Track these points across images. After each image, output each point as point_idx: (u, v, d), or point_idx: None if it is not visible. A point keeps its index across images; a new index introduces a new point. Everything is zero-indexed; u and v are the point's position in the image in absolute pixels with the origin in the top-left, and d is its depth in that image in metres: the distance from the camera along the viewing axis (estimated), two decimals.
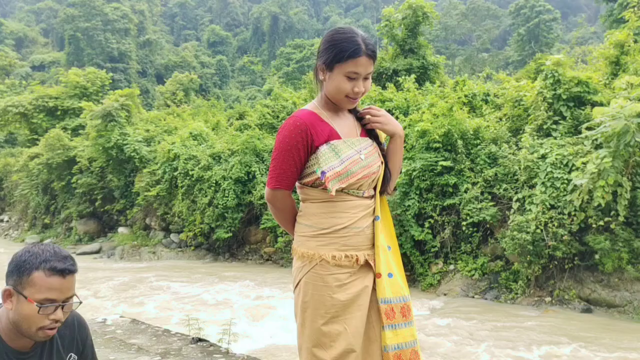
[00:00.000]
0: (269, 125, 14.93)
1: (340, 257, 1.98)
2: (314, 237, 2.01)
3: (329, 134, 2.01)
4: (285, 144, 1.98)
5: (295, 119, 2.00)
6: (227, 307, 8.20)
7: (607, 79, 9.33)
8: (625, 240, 7.28)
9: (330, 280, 1.96)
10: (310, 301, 1.97)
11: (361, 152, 2.02)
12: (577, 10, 56.51)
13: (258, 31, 54.41)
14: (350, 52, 1.95)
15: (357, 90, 1.98)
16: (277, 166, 2.00)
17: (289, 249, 12.61)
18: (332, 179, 1.95)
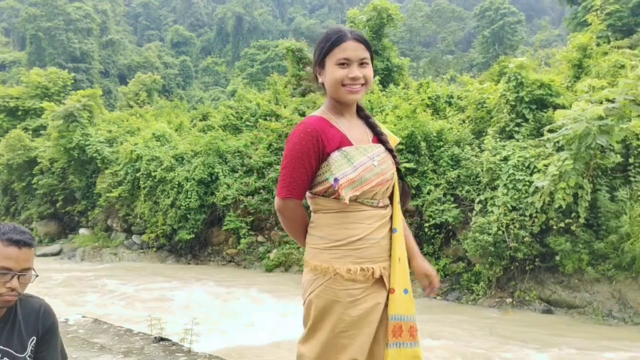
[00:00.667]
0: (232, 127, 14.75)
1: (356, 270, 1.90)
2: (327, 250, 1.93)
3: (340, 140, 1.93)
4: (295, 151, 1.90)
5: (306, 125, 1.93)
6: (189, 308, 8.02)
7: (570, 81, 9.50)
8: (586, 242, 7.39)
9: (342, 296, 1.89)
10: (320, 315, 1.90)
11: (374, 158, 1.95)
12: (542, 12, 58.12)
13: (222, 32, 53.86)
14: (334, 39, 1.92)
15: (352, 75, 1.90)
16: (288, 174, 1.92)
17: (252, 250, 12.45)
18: (345, 186, 1.87)
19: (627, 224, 7.09)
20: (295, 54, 16.38)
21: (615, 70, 8.31)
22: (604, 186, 7.52)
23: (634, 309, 7.04)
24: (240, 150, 13.19)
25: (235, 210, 12.55)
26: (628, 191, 7.36)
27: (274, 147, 12.90)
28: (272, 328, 6.85)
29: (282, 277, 11.11)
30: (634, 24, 16.48)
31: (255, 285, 9.79)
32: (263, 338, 6.44)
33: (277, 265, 11.76)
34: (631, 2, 16.57)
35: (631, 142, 7.47)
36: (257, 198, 12.35)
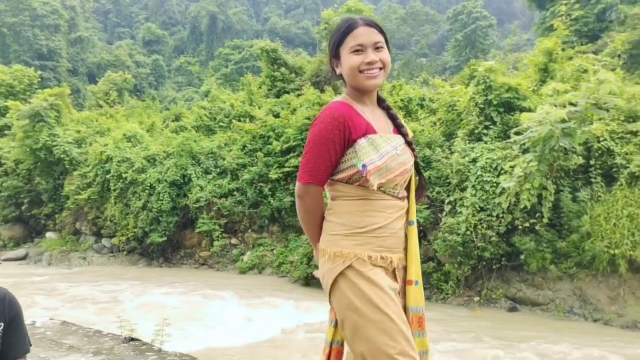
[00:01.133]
0: (205, 127, 14.68)
1: (377, 257, 1.88)
2: (348, 236, 1.89)
3: (365, 128, 1.90)
4: (321, 136, 1.86)
5: (332, 111, 1.89)
6: (161, 310, 7.95)
7: (536, 85, 9.76)
8: (549, 241, 7.63)
9: (370, 274, 1.85)
10: (358, 302, 1.83)
11: (397, 148, 1.93)
12: (513, 17, 59.22)
13: (196, 31, 53.31)
14: (345, 28, 1.92)
15: (369, 60, 1.88)
16: (311, 160, 1.88)
17: (225, 253, 12.40)
18: (373, 173, 1.85)
19: (587, 223, 7.35)
20: (269, 55, 16.39)
21: (578, 74, 8.60)
22: (566, 187, 7.77)
23: (593, 305, 7.30)
24: (213, 151, 13.13)
25: (209, 212, 12.49)
26: (589, 192, 7.62)
27: (248, 149, 12.89)
28: (245, 330, 6.87)
29: (256, 279, 11.12)
30: (598, 29, 17.05)
31: (228, 288, 9.76)
32: (235, 340, 6.45)
33: (250, 267, 11.76)
34: (596, 8, 17.16)
35: (592, 145, 7.73)
36: (230, 200, 12.32)
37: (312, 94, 12.51)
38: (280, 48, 16.93)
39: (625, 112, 7.94)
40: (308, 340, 6.52)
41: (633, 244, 7.06)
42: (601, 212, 7.35)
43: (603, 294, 7.36)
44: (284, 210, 11.89)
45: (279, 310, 8.14)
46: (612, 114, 7.85)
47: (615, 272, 7.25)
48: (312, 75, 15.60)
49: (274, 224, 12.30)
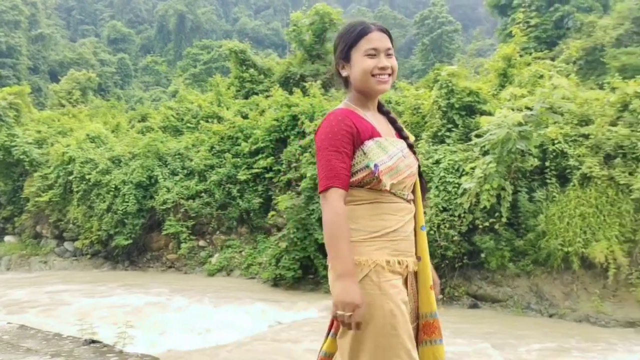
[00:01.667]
0: (173, 128, 14.56)
1: (394, 262, 1.85)
2: (364, 242, 1.86)
3: (371, 131, 1.90)
4: (329, 139, 1.83)
5: (336, 114, 1.88)
6: (125, 313, 7.88)
7: (496, 89, 10.10)
8: (508, 240, 7.93)
9: (386, 287, 1.82)
10: (369, 314, 1.78)
11: (402, 150, 1.94)
12: (478, 23, 60.61)
13: (163, 29, 52.61)
14: (359, 30, 1.92)
15: (382, 65, 1.90)
16: (326, 165, 1.82)
17: (193, 255, 12.33)
18: (385, 173, 1.84)
19: (543, 222, 7.68)
20: (238, 56, 16.39)
21: (535, 80, 8.96)
22: (523, 188, 8.09)
23: (549, 301, 7.63)
24: (181, 152, 13.04)
25: (176, 214, 12.40)
26: (544, 192, 7.96)
27: (216, 150, 12.86)
28: (211, 332, 6.88)
29: (224, 281, 11.10)
30: (556, 36, 17.73)
31: (195, 290, 9.74)
32: (200, 342, 6.46)
33: (219, 269, 11.73)
34: (554, 16, 17.84)
35: (548, 147, 8.08)
36: (198, 202, 12.27)
37: (280, 95, 12.58)
38: (249, 49, 16.94)
39: (578, 116, 8.33)
40: (275, 342, 6.57)
41: (585, 241, 7.41)
42: (555, 211, 7.69)
43: (558, 290, 7.70)
44: (252, 212, 11.92)
45: (246, 312, 8.18)
46: (566, 117, 8.22)
47: (568, 268, 7.60)
48: (281, 77, 15.68)
49: (243, 225, 12.31)
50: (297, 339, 6.64)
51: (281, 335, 6.85)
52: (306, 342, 6.48)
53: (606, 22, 16.30)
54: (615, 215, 7.45)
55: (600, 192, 7.59)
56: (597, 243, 7.35)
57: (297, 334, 6.85)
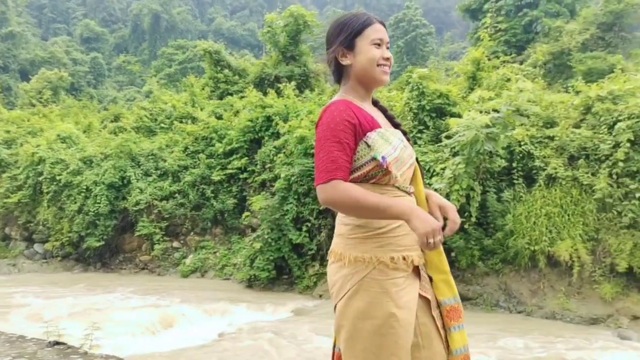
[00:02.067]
0: (146, 129, 14.42)
1: (399, 258, 1.81)
2: (368, 239, 1.81)
3: (372, 122, 1.84)
4: (330, 129, 1.76)
5: (337, 105, 1.82)
6: (94, 315, 7.78)
7: (466, 92, 10.32)
8: (477, 239, 8.11)
9: (389, 286, 1.78)
10: (365, 312, 1.77)
11: (403, 140, 1.90)
12: (451, 26, 61.49)
13: (138, 29, 51.96)
14: (365, 20, 1.90)
15: (387, 55, 1.89)
16: (325, 156, 1.75)
17: (167, 257, 12.24)
18: (393, 164, 1.79)
19: (510, 222, 7.88)
20: (212, 56, 16.33)
21: (502, 83, 9.19)
22: (492, 188, 8.29)
23: (517, 299, 7.83)
24: (154, 153, 12.94)
25: (149, 215, 12.30)
26: (512, 192, 8.17)
27: (190, 150, 12.80)
28: (180, 334, 6.85)
29: (198, 283, 11.06)
30: (525, 40, 18.14)
31: (168, 291, 9.68)
32: (172, 343, 6.43)
33: (193, 270, 11.67)
34: (523, 20, 18.26)
35: (515, 149, 8.29)
36: (172, 202, 12.19)
37: (254, 96, 12.60)
38: (224, 49, 16.90)
39: (544, 119, 8.57)
40: (248, 343, 6.58)
41: (550, 240, 7.64)
42: (522, 211, 7.90)
43: (525, 288, 7.91)
44: (226, 213, 11.90)
45: (220, 313, 8.18)
46: (532, 120, 8.45)
47: (535, 267, 7.81)
48: (256, 78, 15.68)
49: (217, 226, 12.28)
50: (269, 339, 6.68)
51: (254, 336, 6.87)
52: (277, 342, 6.53)
53: (573, 27, 16.76)
54: (579, 214, 7.69)
55: (565, 192, 7.83)
56: (562, 242, 7.58)
57: (268, 334, 6.88)
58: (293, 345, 6.41)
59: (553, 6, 18.69)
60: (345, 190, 1.73)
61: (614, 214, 7.48)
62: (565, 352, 6.09)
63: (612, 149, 7.65)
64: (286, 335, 6.85)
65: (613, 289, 7.20)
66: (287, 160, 10.20)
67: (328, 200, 1.77)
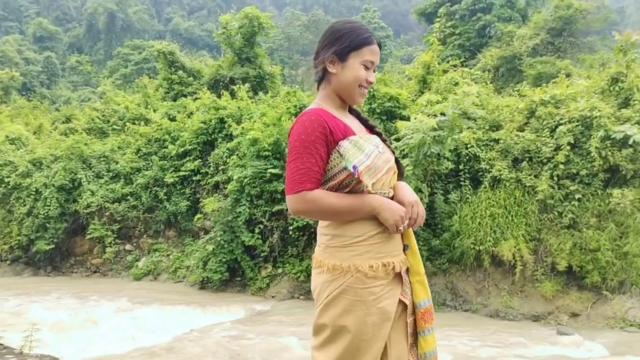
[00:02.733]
0: (98, 130, 14.09)
1: (378, 266, 1.80)
2: (346, 247, 1.82)
3: (344, 130, 1.84)
4: (302, 140, 1.77)
5: (309, 115, 1.82)
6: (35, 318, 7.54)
7: (416, 95, 10.50)
8: (425, 240, 8.27)
9: (365, 295, 1.79)
10: (341, 318, 1.79)
11: (378, 146, 1.89)
12: (409, 29, 62.34)
13: (93, 28, 50.63)
14: (366, 37, 1.87)
15: (371, 80, 1.89)
16: (297, 167, 1.77)
17: (119, 260, 11.99)
18: (365, 173, 1.79)
19: (457, 223, 8.08)
20: (167, 57, 16.07)
21: (450, 86, 9.41)
22: (439, 190, 8.47)
23: (463, 298, 8.03)
24: (106, 155, 12.65)
25: (101, 217, 12.02)
26: (459, 194, 8.37)
27: (142, 152, 12.57)
28: (126, 337, 6.73)
29: (150, 285, 10.88)
30: (479, 44, 18.60)
31: (120, 294, 9.49)
32: (113, 347, 6.29)
33: (146, 273, 11.47)
34: (477, 24, 18.72)
35: (462, 151, 8.50)
36: (124, 205, 11.95)
37: (208, 98, 12.48)
38: (178, 50, 16.66)
39: (490, 122, 8.83)
40: (200, 345, 6.52)
41: (495, 240, 7.86)
42: (468, 212, 8.10)
43: (471, 287, 8.12)
44: (180, 215, 11.74)
45: (172, 315, 8.07)
46: (479, 123, 8.69)
47: (480, 266, 8.02)
48: (211, 79, 15.53)
49: (170, 228, 12.10)
50: (221, 340, 6.63)
51: (205, 339, 6.80)
52: (230, 343, 6.49)
53: (524, 32, 17.31)
54: (522, 215, 7.94)
55: (509, 193, 8.07)
56: (505, 242, 7.81)
57: (220, 336, 6.84)
58: (246, 346, 6.39)
59: (506, 11, 19.29)
60: (313, 200, 1.76)
61: (555, 215, 7.76)
62: (506, 349, 6.28)
63: (553, 152, 7.94)
64: (238, 336, 6.83)
65: (553, 287, 7.48)
66: (240, 163, 10.15)
67: (297, 211, 1.81)
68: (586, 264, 7.24)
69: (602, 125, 7.37)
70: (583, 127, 7.75)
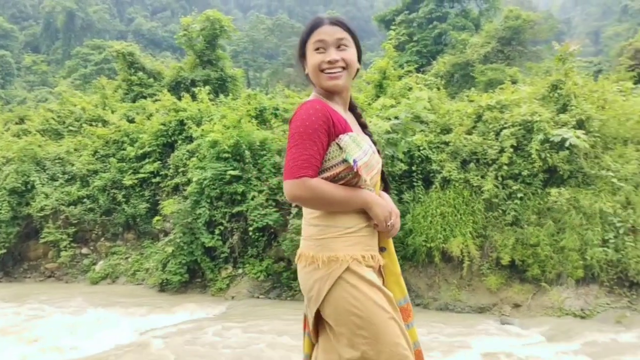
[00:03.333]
0: (53, 131, 13.85)
1: (369, 257, 1.84)
2: (339, 237, 1.82)
3: (344, 124, 1.84)
4: (305, 127, 1.75)
5: (314, 103, 1.81)
6: None
7: (372, 99, 10.83)
8: None
9: (367, 275, 1.81)
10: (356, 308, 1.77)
11: (372, 147, 1.92)
12: (372, 34, 63.26)
13: (51, 27, 49.30)
14: (311, 25, 1.87)
15: (329, 58, 1.82)
16: (299, 153, 1.75)
17: (75, 264, 11.82)
18: (363, 169, 1.80)
19: (410, 221, 8.42)
20: (126, 58, 15.94)
21: (404, 91, 9.78)
22: (393, 190, 8.80)
23: (415, 292, 8.36)
24: (61, 157, 12.46)
25: (55, 221, 11.81)
26: (412, 194, 8.72)
27: (100, 154, 12.45)
28: (88, 340, 6.69)
29: (108, 289, 10.77)
30: (435, 51, 19.25)
31: (74, 299, 9.37)
32: (68, 353, 6.25)
33: (103, 277, 11.36)
34: (433, 32, 19.37)
35: (414, 153, 8.85)
36: (80, 208, 11.79)
37: (168, 99, 12.49)
38: (138, 51, 16.55)
39: (441, 125, 9.23)
40: (160, 347, 6.52)
41: (444, 237, 8.23)
42: (420, 211, 8.46)
43: (422, 282, 8.48)
44: (139, 217, 11.68)
45: (130, 317, 8.05)
46: (430, 127, 9.08)
47: (431, 262, 8.38)
48: (172, 81, 15.51)
49: (129, 231, 12.02)
50: (181, 342, 6.67)
51: (163, 340, 6.82)
52: (190, 345, 6.55)
53: (476, 40, 18.06)
54: (469, 213, 8.35)
55: (458, 193, 8.47)
56: (454, 239, 8.19)
57: (180, 337, 6.88)
58: (207, 347, 6.46)
59: (460, 20, 20.05)
60: (313, 188, 1.75)
61: (499, 213, 8.21)
62: (453, 338, 6.62)
63: (498, 154, 8.39)
64: (198, 337, 6.89)
65: (498, 280, 7.91)
66: (200, 164, 10.23)
67: (295, 197, 1.79)
68: (527, 258, 7.69)
69: (541, 129, 7.86)
70: (525, 131, 8.23)
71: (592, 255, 7.23)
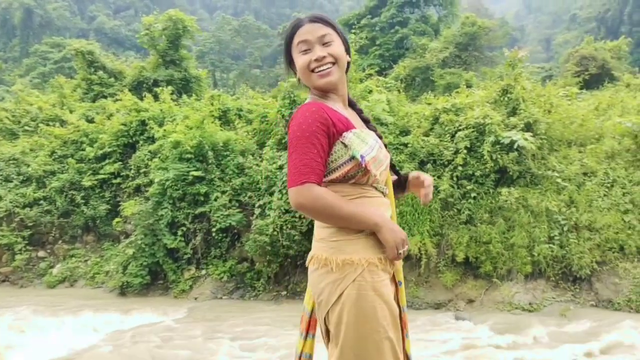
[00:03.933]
0: (7, 131, 13.48)
1: (386, 260, 1.77)
2: (353, 240, 1.75)
3: (346, 123, 1.79)
4: (303, 131, 1.70)
5: (310, 105, 1.76)
6: None
7: None
8: None
9: (379, 287, 1.74)
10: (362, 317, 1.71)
11: (377, 141, 1.87)
12: None
13: (7, 24, 47.67)
14: (292, 28, 1.85)
15: (316, 56, 1.78)
16: (299, 158, 1.69)
17: (31, 267, 11.54)
18: (371, 164, 1.75)
19: None
20: (85, 57, 15.66)
21: (365, 94, 10.00)
22: None
23: None
24: (16, 157, 12.15)
25: (9, 223, 11.51)
26: None
27: (57, 155, 12.20)
28: (31, 349, 6.52)
29: (65, 293, 10.56)
30: (397, 55, 19.67)
31: (27, 304, 9.14)
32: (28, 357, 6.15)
33: (60, 281, 11.13)
34: (395, 37, 19.78)
35: None
36: (36, 210, 11.52)
37: (129, 99, 12.36)
38: (98, 50, 16.29)
39: (400, 127, 9.48)
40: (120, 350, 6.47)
41: None
42: None
43: None
44: (99, 219, 11.52)
45: (85, 321, 7.94)
46: (390, 128, 9.32)
47: None
48: (133, 81, 15.33)
49: (88, 233, 11.83)
50: (143, 344, 6.64)
51: (125, 342, 6.77)
52: (151, 347, 6.53)
53: (435, 45, 18.58)
54: (427, 212, 8.63)
55: None
56: (413, 237, 8.44)
57: (143, 339, 6.84)
58: (168, 349, 6.45)
59: (420, 26, 20.55)
60: (319, 195, 1.68)
61: (455, 212, 8.51)
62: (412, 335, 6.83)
63: (453, 155, 8.70)
64: (160, 339, 6.87)
65: (453, 277, 8.20)
66: (162, 165, 10.19)
67: (299, 205, 1.71)
68: (480, 255, 8.01)
69: (493, 132, 8.21)
70: (478, 133, 8.57)
71: (539, 251, 7.60)
